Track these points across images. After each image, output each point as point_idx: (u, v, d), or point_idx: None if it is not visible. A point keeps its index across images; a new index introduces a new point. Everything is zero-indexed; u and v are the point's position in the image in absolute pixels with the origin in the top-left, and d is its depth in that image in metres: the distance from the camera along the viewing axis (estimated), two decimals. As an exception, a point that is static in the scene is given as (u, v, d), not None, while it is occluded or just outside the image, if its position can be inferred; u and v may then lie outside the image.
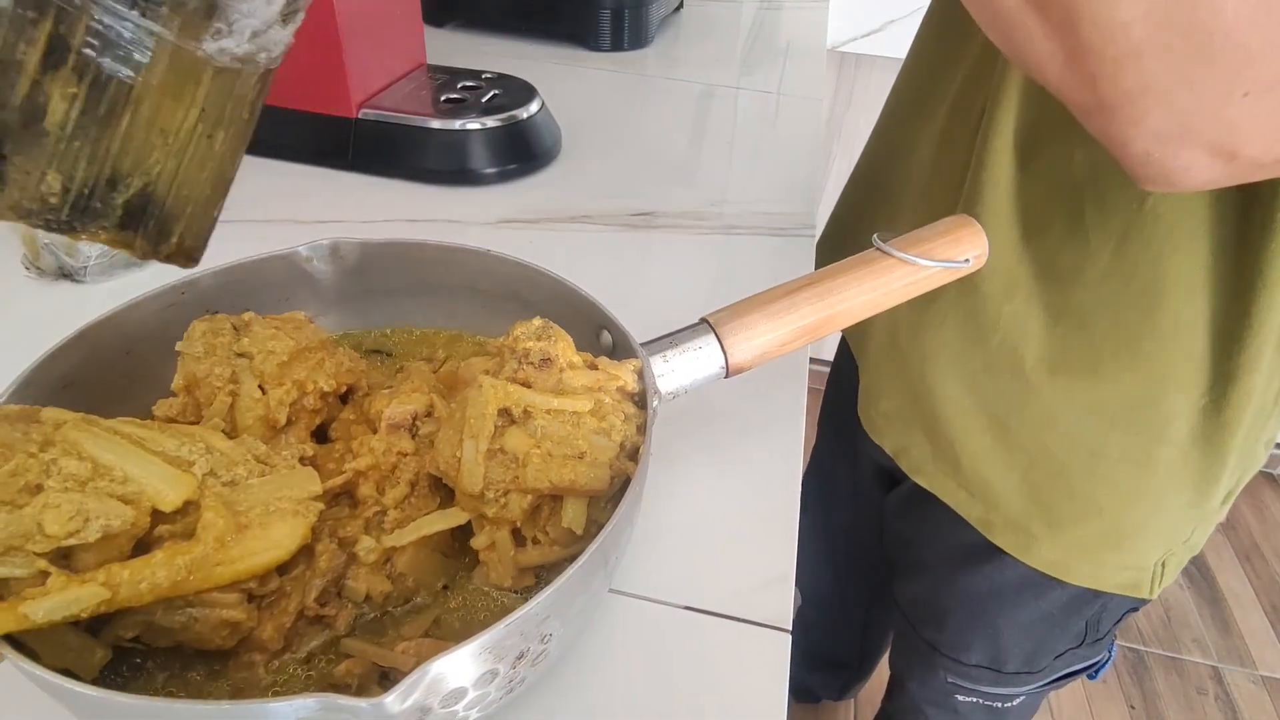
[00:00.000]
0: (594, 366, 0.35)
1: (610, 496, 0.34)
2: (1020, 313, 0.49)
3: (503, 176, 0.74)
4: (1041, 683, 0.70)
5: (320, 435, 0.39)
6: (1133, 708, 1.45)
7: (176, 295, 0.40)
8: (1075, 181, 0.45)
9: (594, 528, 0.33)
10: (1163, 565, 0.58)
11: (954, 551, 0.63)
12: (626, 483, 0.34)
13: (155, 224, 0.22)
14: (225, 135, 0.23)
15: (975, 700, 0.74)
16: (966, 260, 0.43)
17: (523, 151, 0.75)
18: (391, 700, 0.24)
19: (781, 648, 0.37)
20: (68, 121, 0.19)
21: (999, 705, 0.74)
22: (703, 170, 0.80)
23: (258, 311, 0.39)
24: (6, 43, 0.18)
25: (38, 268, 0.54)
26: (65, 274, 0.54)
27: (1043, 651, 0.66)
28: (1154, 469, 0.51)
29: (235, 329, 0.35)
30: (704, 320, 0.40)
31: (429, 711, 0.26)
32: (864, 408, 0.66)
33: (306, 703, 0.22)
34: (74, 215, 0.20)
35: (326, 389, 0.37)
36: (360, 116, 0.71)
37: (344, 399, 0.40)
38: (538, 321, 0.35)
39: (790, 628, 0.38)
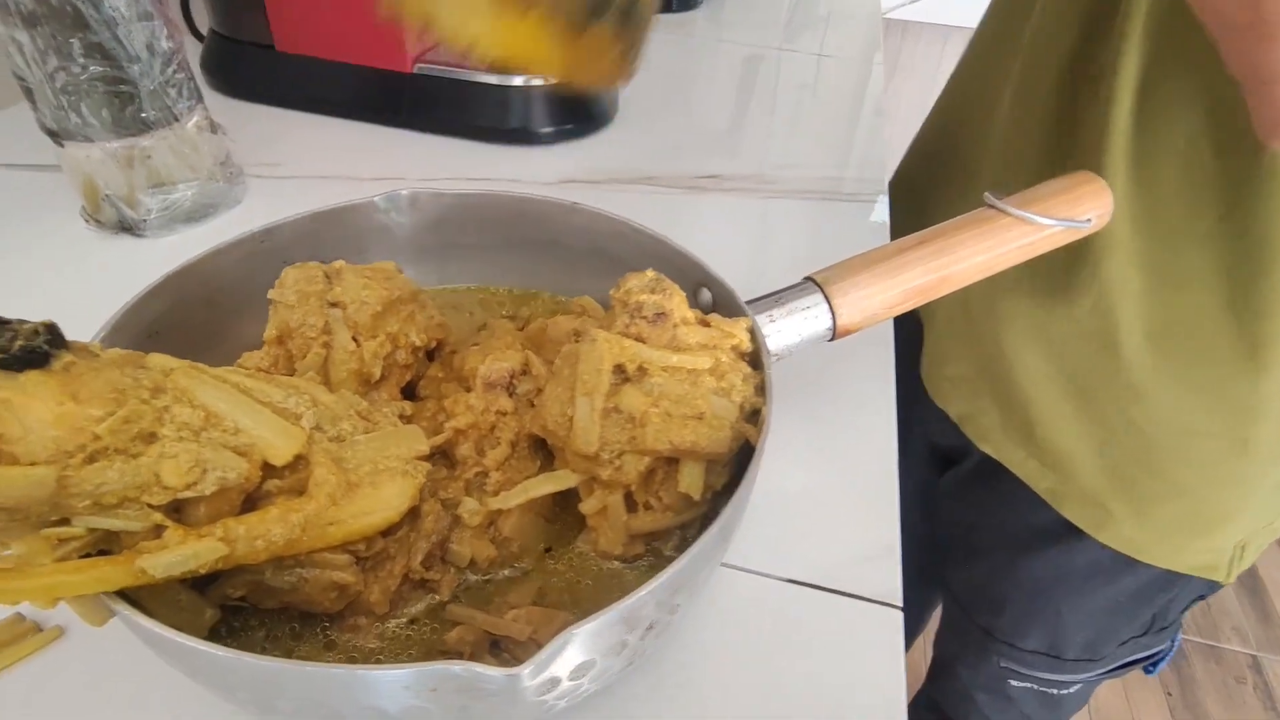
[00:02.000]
0: (706, 323, 0.33)
1: (726, 461, 0.32)
2: (1118, 274, 0.47)
3: (559, 136, 0.71)
4: (1100, 671, 0.68)
5: (407, 393, 0.37)
6: (1170, 694, 1.43)
7: (256, 243, 0.38)
8: (1193, 131, 0.42)
9: (708, 493, 0.31)
10: (1243, 548, 0.55)
11: (1017, 534, 0.61)
12: (742, 447, 0.32)
13: (633, 26, 0.25)
14: None
15: (1029, 686, 0.71)
16: (1088, 219, 0.40)
17: (581, 112, 0.72)
18: (528, 672, 0.22)
19: (894, 625, 0.35)
20: None
21: (1054, 692, 0.71)
22: (761, 134, 0.77)
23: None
24: None
25: (97, 221, 0.53)
26: (125, 227, 0.53)
27: (1106, 639, 0.64)
28: (1249, 448, 0.48)
29: (327, 277, 0.33)
30: (809, 279, 0.38)
31: (557, 683, 0.25)
32: (929, 371, 0.64)
33: (452, 669, 0.21)
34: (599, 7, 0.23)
35: (418, 343, 0.35)
36: (415, 71, 0.69)
37: (430, 355, 0.38)
38: (650, 274, 0.33)
39: (901, 604, 0.36)
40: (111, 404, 0.22)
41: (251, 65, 0.71)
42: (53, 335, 0.23)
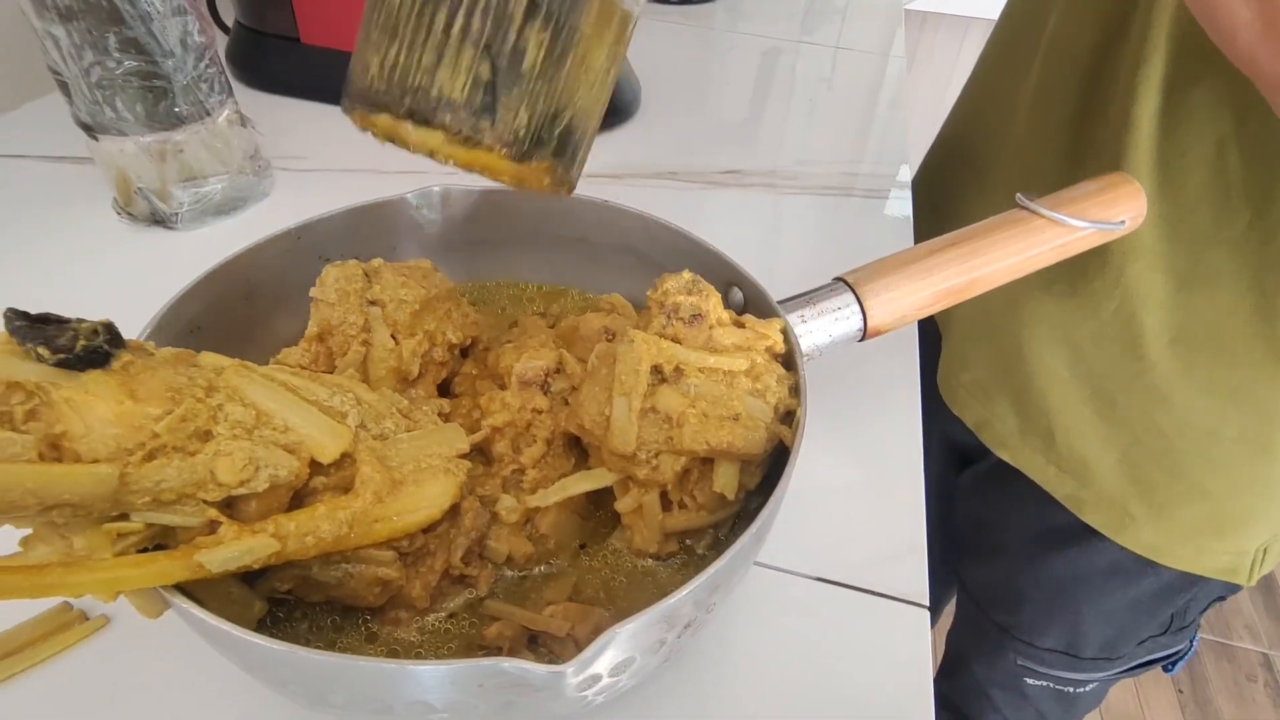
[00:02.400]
0: (740, 324, 0.33)
1: (760, 461, 0.32)
2: (1143, 278, 0.46)
3: (582, 130, 0.71)
4: (1118, 670, 0.68)
5: (441, 390, 0.37)
6: (1181, 692, 1.43)
7: (292, 240, 0.38)
8: (1222, 135, 0.42)
9: (741, 492, 0.32)
10: (1264, 551, 0.55)
11: (1036, 534, 0.61)
12: (776, 448, 0.32)
13: (571, 152, 0.25)
14: (614, 71, 0.25)
15: (1045, 684, 0.71)
16: (1122, 221, 0.40)
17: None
18: (572, 669, 0.23)
19: (920, 624, 0.35)
20: (536, 65, 0.23)
21: (1070, 690, 0.71)
22: (780, 128, 0.77)
23: (365, 260, 0.38)
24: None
25: (129, 213, 0.53)
26: (157, 220, 0.53)
27: (1124, 639, 0.63)
28: (1273, 452, 0.48)
29: (366, 275, 0.34)
30: (840, 279, 0.38)
31: (598, 680, 0.25)
32: (944, 377, 0.64)
33: (501, 665, 0.21)
34: (532, 146, 0.24)
35: (455, 341, 0.35)
36: (439, 64, 0.69)
37: (464, 352, 0.38)
38: (687, 275, 0.33)
39: (929, 603, 0.36)
40: (168, 402, 0.23)
41: (276, 58, 0.71)
42: (111, 335, 0.23)
